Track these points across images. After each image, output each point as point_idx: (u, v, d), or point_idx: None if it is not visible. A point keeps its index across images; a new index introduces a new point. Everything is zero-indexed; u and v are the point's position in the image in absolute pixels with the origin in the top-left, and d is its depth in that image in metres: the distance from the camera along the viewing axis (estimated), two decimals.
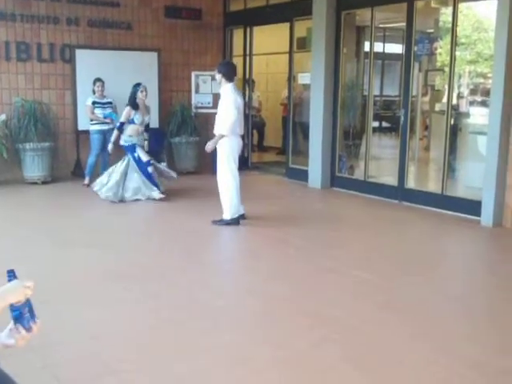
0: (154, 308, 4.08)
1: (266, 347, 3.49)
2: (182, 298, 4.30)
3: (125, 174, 7.58)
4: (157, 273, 4.87)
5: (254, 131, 12.54)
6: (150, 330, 3.71)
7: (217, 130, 6.29)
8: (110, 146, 7.75)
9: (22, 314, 1.71)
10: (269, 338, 3.63)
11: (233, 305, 4.27)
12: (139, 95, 7.60)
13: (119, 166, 7.64)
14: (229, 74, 6.27)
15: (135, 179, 7.60)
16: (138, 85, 7.70)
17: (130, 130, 7.60)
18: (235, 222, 6.36)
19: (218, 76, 6.30)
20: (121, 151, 7.77)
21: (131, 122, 7.58)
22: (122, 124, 7.61)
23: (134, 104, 7.58)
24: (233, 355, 3.37)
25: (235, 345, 3.51)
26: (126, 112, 7.57)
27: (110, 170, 7.74)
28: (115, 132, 7.70)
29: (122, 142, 7.65)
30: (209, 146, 6.36)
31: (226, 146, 6.27)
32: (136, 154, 7.57)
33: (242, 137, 6.63)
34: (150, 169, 7.59)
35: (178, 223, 6.71)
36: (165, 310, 4.05)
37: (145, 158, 7.60)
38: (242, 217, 6.48)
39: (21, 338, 1.68)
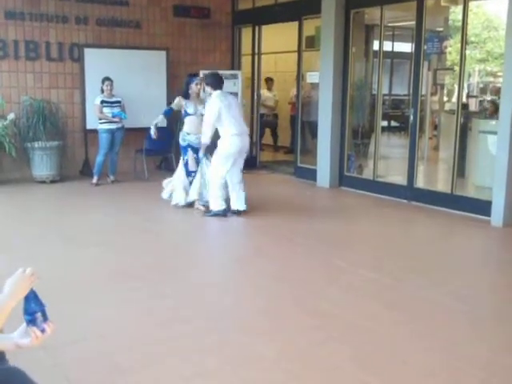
0: (160, 307, 4.07)
1: (271, 346, 3.47)
2: (187, 297, 4.29)
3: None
4: (163, 271, 4.87)
5: (268, 130, 12.58)
6: (155, 329, 3.70)
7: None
8: (152, 130, 7.11)
9: (35, 317, 1.71)
10: (274, 338, 3.61)
11: (238, 303, 4.25)
12: (193, 87, 7.11)
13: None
14: (214, 83, 6.71)
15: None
16: (193, 76, 7.47)
17: (187, 124, 7.11)
18: (222, 213, 6.68)
19: (207, 88, 6.78)
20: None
21: (185, 114, 7.14)
22: (170, 109, 7.22)
23: (185, 94, 7.17)
24: (238, 354, 3.36)
25: (241, 344, 3.49)
26: (176, 100, 7.18)
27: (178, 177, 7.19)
28: (160, 116, 7.20)
29: (180, 141, 7.18)
30: (200, 155, 6.86)
31: (220, 148, 6.68)
32: (186, 158, 7.06)
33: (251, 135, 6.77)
34: (189, 178, 7.11)
35: (185, 222, 6.71)
36: (170, 309, 4.04)
37: (193, 167, 7.04)
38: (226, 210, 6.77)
39: (35, 338, 1.74)
